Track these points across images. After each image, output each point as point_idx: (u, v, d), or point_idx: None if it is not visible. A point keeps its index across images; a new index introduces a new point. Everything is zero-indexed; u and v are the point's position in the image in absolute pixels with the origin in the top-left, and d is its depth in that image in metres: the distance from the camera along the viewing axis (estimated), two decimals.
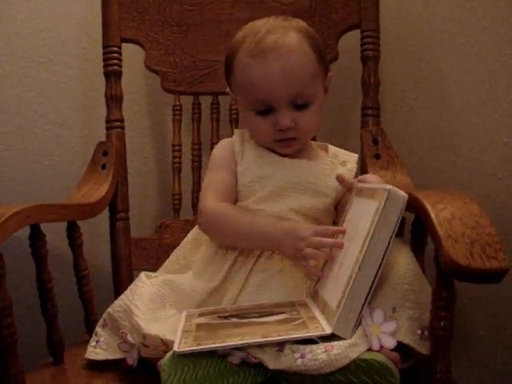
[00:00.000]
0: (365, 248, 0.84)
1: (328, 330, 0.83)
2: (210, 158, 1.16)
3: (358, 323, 0.84)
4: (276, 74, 1.02)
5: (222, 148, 1.15)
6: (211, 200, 1.07)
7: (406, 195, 0.86)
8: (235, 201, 1.09)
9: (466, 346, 1.52)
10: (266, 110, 1.06)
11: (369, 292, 0.84)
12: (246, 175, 1.09)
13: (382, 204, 0.85)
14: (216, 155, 1.15)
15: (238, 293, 1.00)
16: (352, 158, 1.16)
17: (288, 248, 0.98)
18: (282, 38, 1.04)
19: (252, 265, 1.02)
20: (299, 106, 1.06)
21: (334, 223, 1.11)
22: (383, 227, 0.85)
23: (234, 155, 1.11)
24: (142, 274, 1.06)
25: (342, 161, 1.14)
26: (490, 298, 1.49)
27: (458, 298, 0.84)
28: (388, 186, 0.86)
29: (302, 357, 0.81)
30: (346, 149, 1.18)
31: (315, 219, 1.07)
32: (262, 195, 1.07)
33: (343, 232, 0.96)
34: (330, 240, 0.95)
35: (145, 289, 1.02)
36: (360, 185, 1.00)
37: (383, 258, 0.84)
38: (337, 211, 1.11)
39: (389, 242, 0.85)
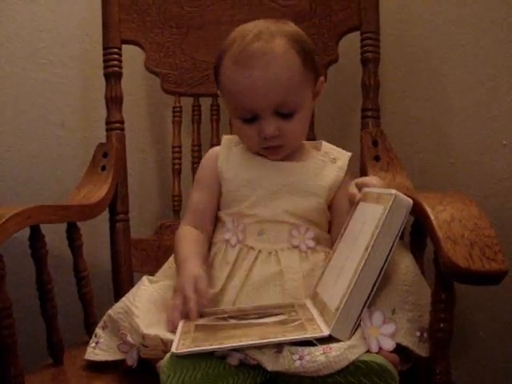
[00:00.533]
0: (367, 252, 0.84)
1: (326, 332, 0.82)
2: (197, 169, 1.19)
3: (357, 326, 0.84)
4: (259, 84, 1.02)
5: (205, 162, 1.18)
6: (183, 222, 1.14)
7: (411, 201, 0.86)
8: (211, 219, 1.13)
9: (466, 348, 1.52)
10: (252, 118, 1.06)
11: (369, 296, 0.84)
12: (235, 180, 1.10)
13: (387, 209, 0.84)
14: (199, 171, 1.18)
15: (236, 295, 1.01)
16: (344, 156, 1.15)
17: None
18: (267, 44, 1.02)
19: (250, 267, 1.03)
20: (284, 114, 1.05)
21: (330, 224, 1.11)
22: (387, 232, 0.84)
23: (216, 168, 1.13)
24: (145, 279, 1.06)
25: (332, 158, 1.13)
26: (490, 299, 1.49)
27: (458, 299, 0.84)
28: (393, 191, 0.86)
29: (301, 358, 0.80)
30: (346, 150, 1.18)
31: (309, 220, 1.07)
32: (254, 200, 1.07)
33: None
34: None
35: (146, 292, 1.02)
36: (365, 189, 1.00)
37: (385, 263, 0.84)
38: (331, 211, 1.11)
39: (391, 247, 0.85)
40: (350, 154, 1.16)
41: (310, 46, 1.09)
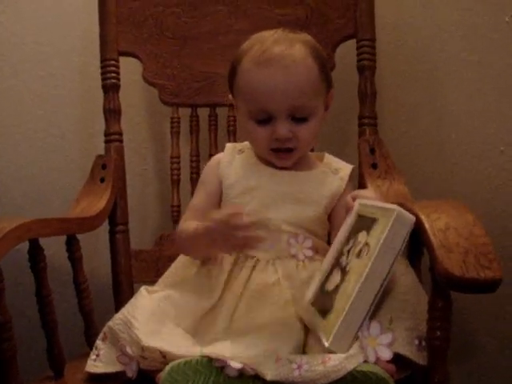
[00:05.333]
0: (367, 269, 0.83)
1: (325, 344, 0.83)
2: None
3: (356, 338, 0.84)
4: (278, 84, 1.03)
5: (207, 168, 1.18)
6: (184, 219, 1.13)
7: (413, 218, 0.85)
8: None
9: (467, 354, 1.52)
10: (266, 120, 1.06)
11: (368, 312, 0.84)
12: (236, 187, 1.10)
13: (389, 225, 0.84)
14: (201, 176, 1.19)
15: (235, 306, 1.01)
16: (346, 168, 1.15)
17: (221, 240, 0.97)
18: (288, 49, 1.05)
19: (248, 276, 1.03)
20: (298, 119, 1.06)
21: (329, 234, 1.11)
22: (388, 250, 0.84)
23: (217, 174, 1.14)
24: (143, 289, 1.07)
25: (335, 169, 1.14)
26: (491, 305, 1.48)
27: (459, 305, 0.84)
28: (396, 208, 0.85)
29: (299, 368, 0.81)
30: (344, 158, 1.18)
31: (308, 230, 1.08)
32: (253, 207, 1.07)
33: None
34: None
35: (145, 303, 1.02)
36: (365, 201, 1.00)
37: (385, 279, 0.84)
38: (330, 221, 1.12)
39: (392, 264, 0.84)
40: (351, 166, 1.17)
41: (325, 57, 1.12)
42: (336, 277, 0.91)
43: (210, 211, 1.00)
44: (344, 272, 0.90)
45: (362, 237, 0.91)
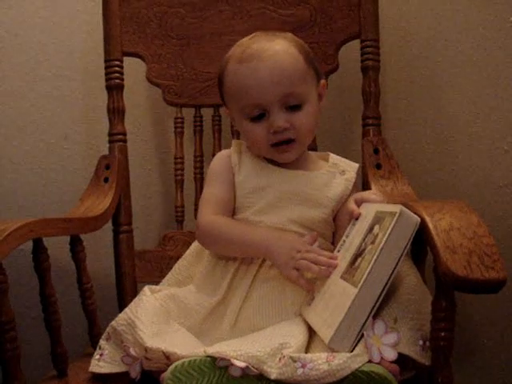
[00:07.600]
0: (369, 268, 0.83)
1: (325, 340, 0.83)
2: (208, 170, 1.17)
3: (360, 337, 0.84)
4: (264, 75, 1.03)
5: (219, 160, 1.15)
6: (206, 213, 1.09)
7: (417, 218, 0.85)
8: (232, 213, 1.10)
9: (470, 354, 1.52)
10: (260, 115, 1.06)
11: (371, 311, 0.84)
12: (244, 186, 1.09)
13: (391, 226, 0.84)
14: (213, 168, 1.15)
15: (240, 305, 1.01)
16: (352, 168, 1.15)
17: (281, 256, 0.98)
18: (268, 43, 1.06)
19: (254, 276, 1.03)
20: (292, 107, 1.06)
21: (333, 235, 1.11)
22: (391, 249, 0.84)
23: (231, 167, 1.12)
24: (146, 288, 1.07)
25: (342, 170, 1.13)
26: (493, 305, 1.48)
27: (461, 305, 0.84)
28: (399, 208, 0.85)
29: (303, 366, 0.81)
30: (348, 159, 1.18)
31: (315, 231, 1.07)
32: (261, 206, 1.07)
33: (334, 264, 0.95)
34: (324, 259, 0.96)
35: (149, 303, 1.02)
36: (367, 204, 0.99)
37: (389, 279, 0.84)
38: (335, 222, 1.11)
39: (396, 264, 0.84)
40: (357, 165, 1.16)
41: (308, 49, 1.12)
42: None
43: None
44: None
45: (365, 238, 0.91)
